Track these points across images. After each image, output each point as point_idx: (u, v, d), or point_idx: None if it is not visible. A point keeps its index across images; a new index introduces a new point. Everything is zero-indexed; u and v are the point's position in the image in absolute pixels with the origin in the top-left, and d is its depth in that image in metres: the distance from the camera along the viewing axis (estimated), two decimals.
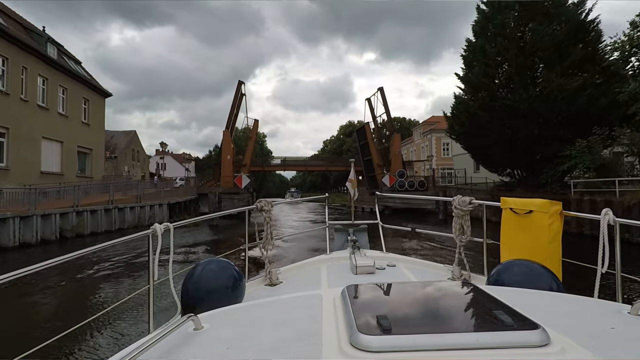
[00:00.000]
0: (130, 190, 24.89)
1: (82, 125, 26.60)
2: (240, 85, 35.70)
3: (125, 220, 21.78)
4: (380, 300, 1.25)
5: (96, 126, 28.43)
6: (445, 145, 53.40)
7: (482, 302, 1.15)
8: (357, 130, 41.75)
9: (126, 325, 5.99)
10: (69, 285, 9.01)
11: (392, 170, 35.65)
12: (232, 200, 27.29)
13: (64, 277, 9.31)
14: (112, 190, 21.44)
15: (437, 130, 53.61)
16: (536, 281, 1.77)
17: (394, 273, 2.92)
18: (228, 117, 34.80)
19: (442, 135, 54.05)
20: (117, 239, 1.99)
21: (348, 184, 4.60)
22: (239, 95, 35.43)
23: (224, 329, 1.11)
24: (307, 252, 9.96)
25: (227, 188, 32.06)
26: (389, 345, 0.85)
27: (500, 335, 0.87)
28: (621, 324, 1.05)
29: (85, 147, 26.79)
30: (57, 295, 8.21)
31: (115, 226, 20.59)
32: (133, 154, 47.13)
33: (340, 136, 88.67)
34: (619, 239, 1.98)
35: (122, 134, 46.22)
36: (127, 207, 21.99)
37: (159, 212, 25.21)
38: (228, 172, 33.14)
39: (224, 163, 33.54)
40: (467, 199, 2.74)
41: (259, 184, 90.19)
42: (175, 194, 29.30)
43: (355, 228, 3.86)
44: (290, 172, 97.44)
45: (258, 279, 2.97)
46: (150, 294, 2.11)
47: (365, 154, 40.12)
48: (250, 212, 3.24)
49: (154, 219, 24.72)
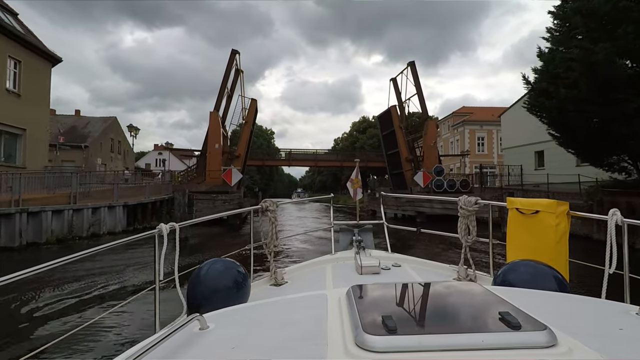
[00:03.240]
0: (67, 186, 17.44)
1: (7, 96, 19.25)
2: (235, 55, 28.13)
3: (43, 230, 14.45)
4: (385, 300, 1.23)
5: (34, 99, 20.98)
6: (480, 139, 45.26)
7: (488, 302, 1.13)
8: (379, 117, 33.80)
9: (132, 325, 6.00)
10: (72, 286, 8.60)
11: (427, 166, 27.74)
12: (213, 203, 19.59)
13: (65, 278, 9.08)
14: (18, 185, 14.04)
15: (471, 122, 45.49)
16: (542, 282, 1.72)
17: (399, 273, 2.93)
18: (218, 95, 27.30)
19: (477, 128, 46.09)
20: (120, 240, 1.98)
21: (349, 184, 4.52)
22: (232, 67, 27.87)
23: (230, 328, 1.11)
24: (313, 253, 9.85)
25: (214, 185, 24.61)
26: (394, 346, 0.84)
27: (506, 336, 0.87)
28: (629, 324, 1.04)
29: (10, 125, 19.47)
30: (61, 296, 7.85)
31: (21, 240, 13.37)
32: (112, 144, 40.03)
33: (354, 132, 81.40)
34: (627, 240, 1.92)
35: (100, 120, 39.16)
36: (46, 211, 14.61)
37: (108, 216, 17.77)
38: (216, 165, 25.62)
39: (211, 154, 26.04)
40: (473, 199, 2.71)
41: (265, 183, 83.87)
42: (141, 192, 21.90)
43: (361, 228, 3.84)
44: (299, 171, 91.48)
45: (263, 279, 2.98)
46: (156, 294, 2.09)
47: (389, 146, 32.18)
48: (256, 213, 3.13)
49: (99, 226, 17.34)
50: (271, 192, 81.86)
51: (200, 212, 17.89)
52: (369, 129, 68.11)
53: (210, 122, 26.32)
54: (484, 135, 45.28)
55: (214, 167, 25.65)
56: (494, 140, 45.00)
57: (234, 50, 27.91)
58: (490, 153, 44.52)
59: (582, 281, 5.96)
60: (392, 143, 31.08)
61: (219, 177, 24.57)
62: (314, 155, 41.23)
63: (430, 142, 28.49)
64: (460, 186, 26.55)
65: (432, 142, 28.62)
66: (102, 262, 10.80)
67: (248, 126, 27.99)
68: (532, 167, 26.24)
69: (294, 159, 39.47)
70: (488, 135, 45.11)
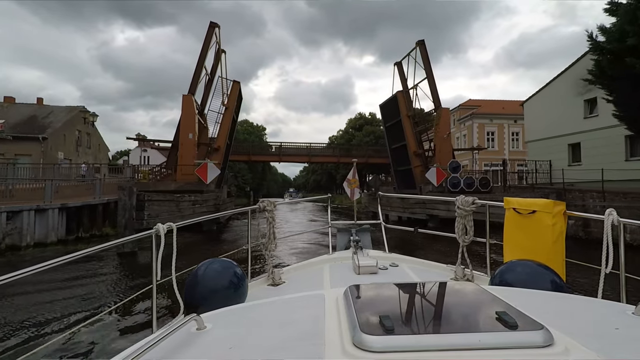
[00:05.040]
0: None
1: None
2: (214, 29, 23.74)
3: None
4: (382, 300, 1.22)
5: None
6: (490, 134, 41.25)
7: (485, 302, 1.13)
8: (383, 105, 29.57)
9: (129, 325, 5.93)
10: (69, 286, 8.69)
11: (440, 161, 23.65)
12: (177, 205, 15.21)
13: (64, 278, 9.11)
14: None
15: (480, 115, 41.46)
16: (539, 281, 1.73)
17: (396, 273, 2.92)
18: (193, 75, 22.93)
19: (487, 122, 42.06)
20: (119, 239, 2.00)
21: (345, 183, 4.44)
22: (210, 43, 23.50)
23: (227, 328, 1.10)
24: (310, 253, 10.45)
25: (187, 183, 20.30)
26: (391, 346, 0.84)
27: (503, 335, 0.87)
28: (625, 324, 1.04)
29: None
30: (59, 296, 7.96)
31: None
32: (80, 137, 35.42)
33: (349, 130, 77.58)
34: (623, 239, 1.93)
35: (64, 110, 34.46)
36: None
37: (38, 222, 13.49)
38: (189, 158, 21.29)
39: (184, 145, 21.69)
40: (470, 199, 2.70)
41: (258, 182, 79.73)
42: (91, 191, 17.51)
43: (358, 228, 3.83)
44: (293, 171, 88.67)
45: (261, 279, 2.96)
46: (154, 294, 2.09)
47: (394, 139, 28.03)
48: (249, 213, 3.14)
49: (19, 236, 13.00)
50: (264, 191, 79.80)
51: (158, 217, 13.57)
52: (366, 126, 66.05)
53: (183, 107, 21.90)
54: (494, 130, 41.29)
55: (186, 161, 21.29)
56: (505, 135, 41.10)
57: (213, 23, 23.48)
58: (501, 149, 40.57)
59: (579, 281, 6.17)
60: (397, 135, 26.95)
61: (192, 173, 20.25)
62: (308, 150, 36.45)
63: (444, 133, 24.36)
64: (480, 185, 22.51)
65: (446, 133, 24.50)
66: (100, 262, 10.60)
67: (229, 113, 23.62)
68: (565, 162, 22.22)
69: (285, 153, 34.86)
70: (499, 130, 41.16)
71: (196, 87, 22.70)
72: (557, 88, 23.31)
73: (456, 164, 22.74)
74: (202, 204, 17.51)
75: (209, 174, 19.85)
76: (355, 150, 41.14)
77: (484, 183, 22.68)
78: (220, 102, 24.50)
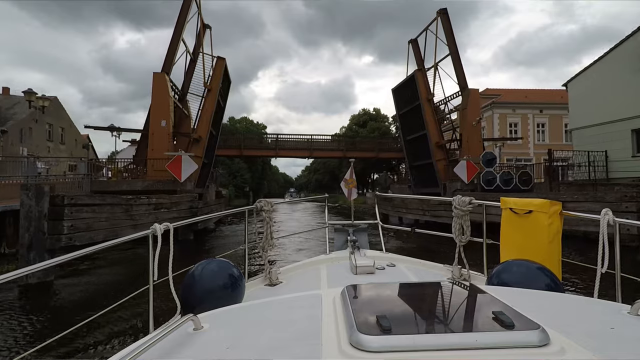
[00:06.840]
0: None
1: None
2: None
3: None
4: (380, 300, 1.22)
5: None
6: (512, 126, 36.88)
7: (481, 302, 1.13)
8: (396, 89, 25.20)
9: (126, 325, 6.00)
10: (66, 286, 8.56)
11: (471, 152, 19.40)
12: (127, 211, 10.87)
13: (62, 277, 8.94)
14: None
15: (501, 104, 37.06)
16: (536, 281, 1.73)
17: (393, 273, 2.90)
18: (168, 48, 18.77)
19: (510, 112, 37.68)
20: (116, 239, 1.89)
21: (342, 184, 4.50)
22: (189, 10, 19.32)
23: (224, 329, 1.10)
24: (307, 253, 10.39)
25: (157, 182, 16.16)
26: (388, 345, 0.84)
27: (499, 335, 0.87)
28: (621, 324, 1.04)
29: None
30: (55, 296, 7.87)
31: None
32: (51, 131, 31.36)
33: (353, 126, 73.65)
34: (619, 239, 1.93)
35: None
36: None
37: None
38: (161, 150, 17.10)
39: (155, 135, 17.52)
40: (467, 199, 2.66)
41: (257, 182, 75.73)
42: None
43: (355, 228, 3.83)
44: (294, 171, 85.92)
45: (258, 279, 2.95)
46: (150, 294, 2.06)
47: (410, 129, 23.72)
48: (246, 213, 3.07)
49: None
50: (265, 191, 76.30)
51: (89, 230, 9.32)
52: (370, 122, 63.08)
53: (154, 88, 17.70)
54: (517, 122, 36.87)
55: (159, 154, 17.12)
56: (530, 127, 36.72)
57: None
58: (526, 143, 36.21)
59: (574, 280, 6.30)
60: (415, 124, 22.65)
61: (163, 169, 16.08)
62: (309, 143, 31.88)
63: (474, 119, 20.08)
64: (520, 182, 18.24)
65: (476, 119, 20.21)
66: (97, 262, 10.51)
67: (213, 95, 19.40)
68: (628, 152, 17.90)
69: (283, 147, 30.42)
70: (522, 121, 36.76)
71: (171, 64, 18.52)
72: (614, 63, 19.02)
73: (491, 156, 18.48)
74: (169, 207, 13.32)
75: (183, 170, 15.68)
76: (363, 144, 36.72)
77: (525, 179, 18.40)
78: (202, 85, 20.30)
